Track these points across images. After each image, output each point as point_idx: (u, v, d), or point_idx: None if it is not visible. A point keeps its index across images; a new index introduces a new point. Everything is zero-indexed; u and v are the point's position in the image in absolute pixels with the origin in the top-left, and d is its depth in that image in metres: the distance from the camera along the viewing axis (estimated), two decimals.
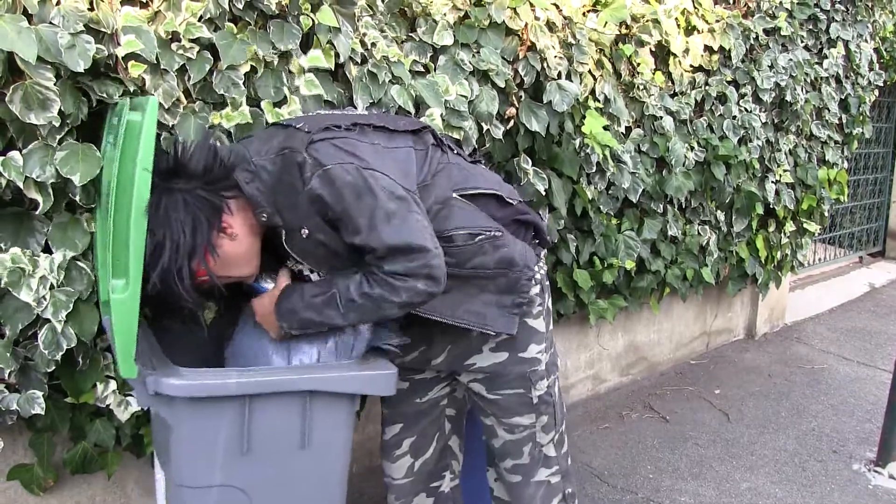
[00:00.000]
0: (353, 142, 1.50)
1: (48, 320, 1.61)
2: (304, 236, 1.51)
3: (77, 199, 1.61)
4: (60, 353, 1.64)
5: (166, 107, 1.69)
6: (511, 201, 1.71)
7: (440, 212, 1.59)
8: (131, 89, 1.62)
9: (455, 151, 1.72)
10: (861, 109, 4.41)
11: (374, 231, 1.44)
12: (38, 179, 1.53)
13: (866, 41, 4.40)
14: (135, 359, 1.39)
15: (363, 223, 1.44)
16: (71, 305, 1.61)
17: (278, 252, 1.61)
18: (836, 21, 4.12)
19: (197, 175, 1.45)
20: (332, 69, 1.95)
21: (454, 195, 1.61)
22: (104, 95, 1.59)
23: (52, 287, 1.60)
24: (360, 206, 1.44)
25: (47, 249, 1.63)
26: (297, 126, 1.52)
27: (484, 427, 1.87)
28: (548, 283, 1.85)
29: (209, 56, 1.73)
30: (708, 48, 3.31)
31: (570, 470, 1.94)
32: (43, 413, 1.67)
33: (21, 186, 1.53)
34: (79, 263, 1.65)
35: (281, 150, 1.48)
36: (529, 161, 2.49)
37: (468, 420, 2.03)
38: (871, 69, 4.46)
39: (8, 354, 1.61)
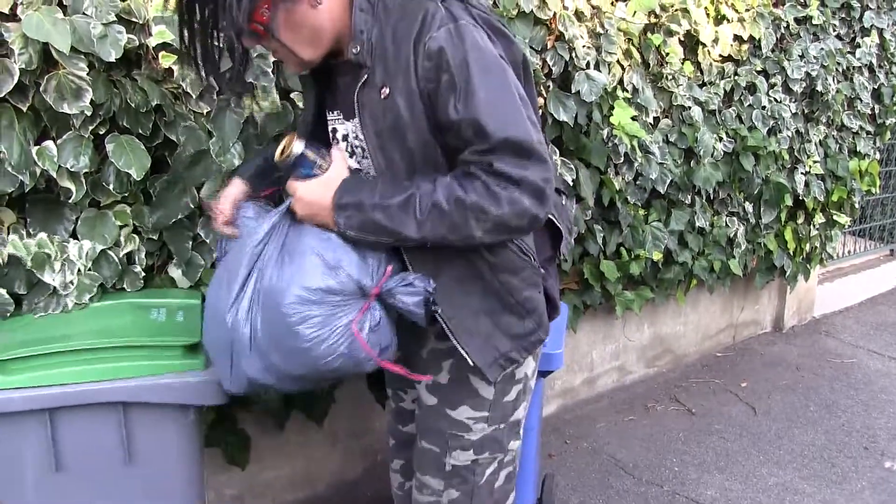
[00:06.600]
0: (490, 19, 1.31)
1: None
2: (383, 96, 1.25)
3: (111, 187, 1.63)
4: None
5: (194, 96, 1.70)
6: (563, 251, 1.52)
7: None
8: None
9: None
10: (895, 99, 4.33)
11: (494, 115, 1.18)
12: (73, 169, 1.55)
13: None
14: None
15: (482, 99, 1.18)
16: (95, 289, 1.62)
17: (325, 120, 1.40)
18: (871, 9, 4.04)
19: None
20: None
21: None
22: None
23: (79, 272, 1.61)
24: (485, 80, 1.19)
25: (75, 235, 1.65)
26: None
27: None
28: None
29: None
30: (737, 37, 3.27)
31: None
32: None
33: (55, 176, 1.55)
34: (109, 253, 1.66)
35: None
36: (557, 151, 2.47)
37: None
38: None
39: None
